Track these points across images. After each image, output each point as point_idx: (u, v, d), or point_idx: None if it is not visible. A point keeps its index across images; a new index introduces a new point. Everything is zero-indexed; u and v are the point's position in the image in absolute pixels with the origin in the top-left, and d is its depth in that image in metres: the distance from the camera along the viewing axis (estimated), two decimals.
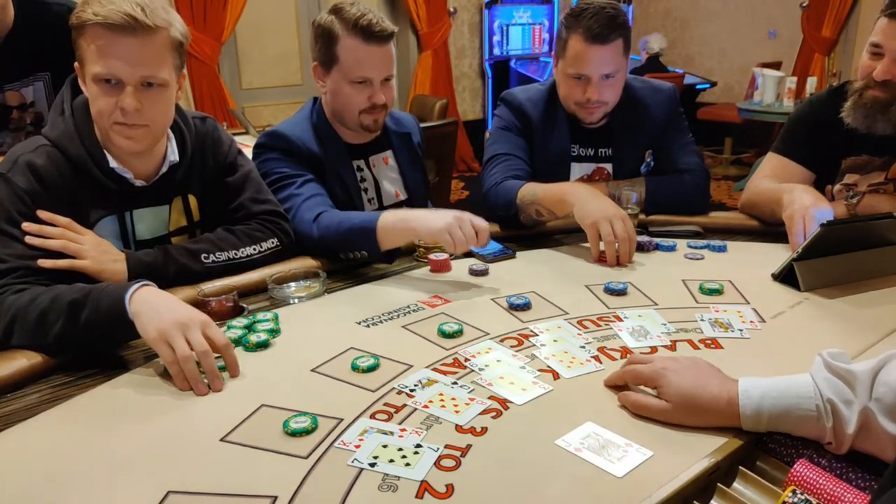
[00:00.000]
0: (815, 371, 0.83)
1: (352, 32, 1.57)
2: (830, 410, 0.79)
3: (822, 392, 0.80)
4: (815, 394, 0.80)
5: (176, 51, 1.27)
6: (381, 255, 1.47)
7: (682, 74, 6.38)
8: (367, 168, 1.77)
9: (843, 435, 0.79)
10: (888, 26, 1.50)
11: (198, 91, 4.90)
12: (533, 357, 1.09)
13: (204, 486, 0.79)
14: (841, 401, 0.79)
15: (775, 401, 0.82)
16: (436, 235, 1.38)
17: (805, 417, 0.80)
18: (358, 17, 1.57)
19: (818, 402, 0.80)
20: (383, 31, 1.58)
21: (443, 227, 1.36)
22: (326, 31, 1.61)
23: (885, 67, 1.51)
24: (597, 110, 1.78)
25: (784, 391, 0.82)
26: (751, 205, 1.78)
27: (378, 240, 1.43)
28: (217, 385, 1.02)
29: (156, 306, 1.05)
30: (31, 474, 0.83)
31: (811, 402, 0.80)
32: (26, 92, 1.73)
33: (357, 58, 1.59)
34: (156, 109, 1.26)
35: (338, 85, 1.64)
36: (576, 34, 1.69)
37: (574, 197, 1.54)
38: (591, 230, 1.49)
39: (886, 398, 0.76)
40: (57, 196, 1.25)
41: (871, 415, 0.77)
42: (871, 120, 1.58)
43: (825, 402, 0.79)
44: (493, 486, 0.79)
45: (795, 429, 0.82)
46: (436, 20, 6.22)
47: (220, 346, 1.05)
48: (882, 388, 0.77)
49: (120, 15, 1.16)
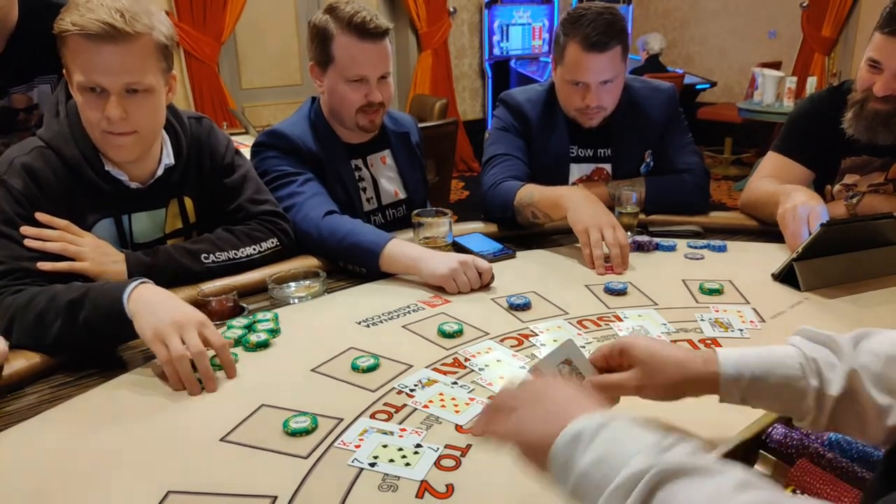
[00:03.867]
0: (792, 340, 0.78)
1: (346, 30, 1.57)
2: (815, 370, 0.73)
3: (805, 352, 0.75)
4: (798, 353, 0.75)
5: (161, 54, 1.24)
6: (378, 274, 1.46)
7: (682, 74, 6.38)
8: (366, 167, 1.77)
9: (825, 399, 0.72)
10: (885, 43, 1.50)
11: (198, 91, 4.90)
12: (533, 357, 1.09)
13: (204, 486, 0.79)
14: (824, 362, 0.73)
15: (757, 360, 0.76)
16: (439, 281, 1.38)
17: (788, 378, 0.74)
18: (352, 15, 1.56)
19: (801, 360, 0.74)
20: (377, 28, 1.58)
21: (447, 274, 1.37)
22: (321, 30, 1.61)
23: (884, 84, 1.52)
24: (596, 115, 1.78)
25: (764, 354, 0.77)
26: (750, 205, 1.79)
27: (380, 264, 1.43)
28: (211, 386, 1.01)
29: (153, 305, 1.05)
30: (31, 474, 0.83)
31: (794, 361, 0.74)
32: (33, 94, 1.73)
33: (352, 56, 1.59)
34: (142, 115, 1.24)
35: (334, 84, 1.63)
36: (574, 41, 1.68)
37: (568, 202, 1.54)
38: (583, 236, 1.49)
39: (874, 366, 0.71)
40: (53, 198, 1.25)
41: (858, 379, 0.71)
42: (872, 132, 1.60)
43: (809, 360, 0.74)
44: (493, 486, 0.79)
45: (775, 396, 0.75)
46: (436, 20, 6.21)
47: (217, 346, 1.04)
48: (867, 355, 0.72)
49: (97, 24, 1.14)
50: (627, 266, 1.48)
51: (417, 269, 1.41)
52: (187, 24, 4.73)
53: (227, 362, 1.05)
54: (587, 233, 1.48)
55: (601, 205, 1.54)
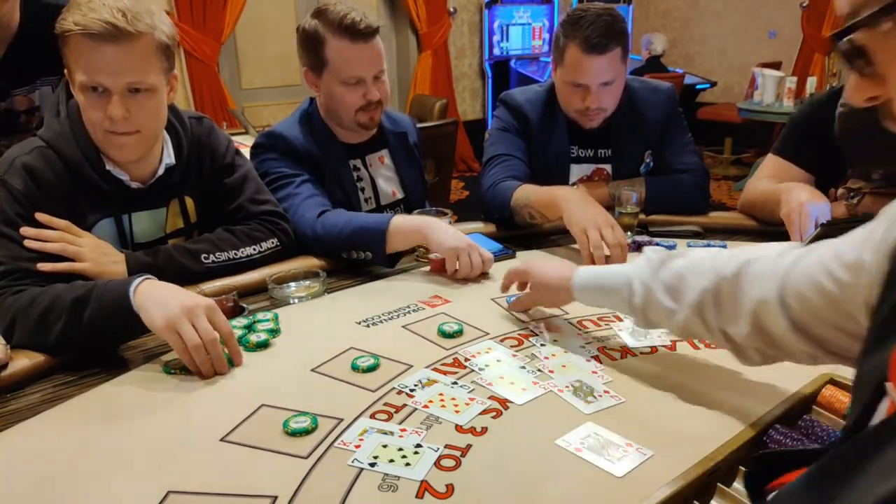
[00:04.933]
0: (640, 258, 1.01)
1: (337, 33, 1.57)
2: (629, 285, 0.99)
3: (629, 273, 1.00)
4: (629, 272, 1.00)
5: (162, 53, 1.24)
6: (384, 258, 1.47)
7: (682, 74, 6.38)
8: (364, 167, 1.77)
9: (634, 304, 0.98)
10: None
11: (198, 91, 4.90)
12: (533, 357, 1.09)
13: (204, 486, 0.79)
14: (639, 279, 0.98)
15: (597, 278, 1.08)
16: (445, 252, 1.41)
17: (612, 290, 1.02)
18: (341, 18, 1.56)
19: (625, 278, 1.00)
20: (368, 27, 1.58)
21: (454, 247, 1.40)
22: (311, 35, 1.60)
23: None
24: (596, 117, 1.78)
25: (606, 270, 1.08)
26: (749, 205, 1.79)
27: (388, 242, 1.44)
28: (223, 369, 1.05)
29: (160, 296, 1.06)
30: (32, 474, 0.83)
31: (622, 279, 1.01)
32: (34, 96, 1.73)
33: (345, 58, 1.59)
34: (145, 115, 1.24)
35: (331, 87, 1.63)
36: (574, 43, 1.68)
37: (564, 202, 1.54)
38: (581, 237, 1.46)
39: (669, 279, 0.94)
40: (54, 198, 1.25)
41: (651, 291, 0.95)
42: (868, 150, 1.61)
43: (630, 277, 0.99)
44: (493, 486, 0.79)
45: (602, 300, 1.07)
46: (436, 20, 6.21)
47: (225, 334, 1.06)
48: (668, 272, 0.94)
49: (99, 24, 1.14)
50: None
51: (426, 236, 1.44)
52: (187, 24, 4.73)
53: (234, 350, 1.07)
54: (585, 234, 1.46)
55: (597, 205, 1.53)
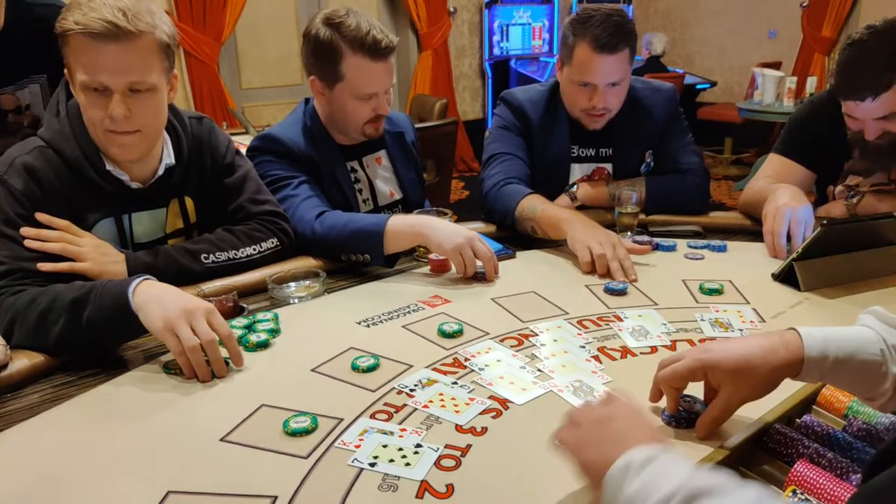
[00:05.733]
0: (869, 322, 0.83)
1: (358, 51, 1.55)
2: (894, 357, 0.79)
3: (884, 338, 0.80)
4: (878, 338, 0.80)
5: (163, 53, 1.24)
6: (382, 260, 1.46)
7: (682, 74, 6.38)
8: (361, 169, 1.77)
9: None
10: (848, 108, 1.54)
11: (198, 91, 4.90)
12: (533, 357, 1.09)
13: (204, 486, 0.80)
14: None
15: (841, 343, 0.79)
16: (447, 254, 1.40)
17: (869, 362, 0.79)
18: (363, 35, 1.53)
19: (882, 346, 0.79)
20: (389, 45, 1.57)
21: (455, 247, 1.39)
22: (326, 46, 1.56)
23: (871, 131, 1.53)
24: (601, 118, 1.78)
25: (846, 335, 0.80)
26: (747, 205, 1.79)
27: (385, 243, 1.43)
28: (222, 372, 1.04)
29: (159, 297, 1.06)
30: (32, 474, 0.83)
31: (875, 347, 0.79)
32: (22, 95, 1.72)
33: (364, 75, 1.57)
34: (146, 114, 1.24)
35: (343, 100, 1.62)
36: (583, 42, 1.68)
37: (569, 226, 1.52)
38: (583, 251, 1.45)
39: None
40: (54, 197, 1.25)
41: None
42: (881, 164, 1.61)
43: (890, 347, 0.79)
44: (493, 486, 0.79)
45: (855, 376, 0.80)
46: (436, 20, 6.21)
47: (224, 336, 1.06)
48: None
49: (100, 23, 1.14)
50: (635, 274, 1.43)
51: (425, 237, 1.42)
52: (187, 24, 4.73)
53: (234, 352, 1.07)
54: (588, 248, 1.44)
55: (602, 229, 1.51)
